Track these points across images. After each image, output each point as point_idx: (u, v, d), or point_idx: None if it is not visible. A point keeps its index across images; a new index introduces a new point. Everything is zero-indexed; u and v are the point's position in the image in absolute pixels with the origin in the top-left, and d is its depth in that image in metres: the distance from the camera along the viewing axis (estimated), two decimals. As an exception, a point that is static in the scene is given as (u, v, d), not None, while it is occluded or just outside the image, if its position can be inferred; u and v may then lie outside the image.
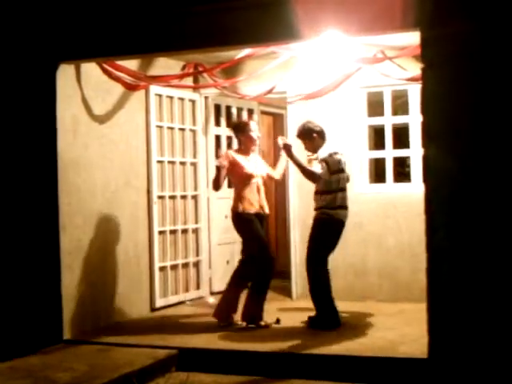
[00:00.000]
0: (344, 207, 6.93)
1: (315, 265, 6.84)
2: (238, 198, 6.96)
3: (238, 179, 7.03)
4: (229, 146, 8.94)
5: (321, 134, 6.98)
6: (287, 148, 6.89)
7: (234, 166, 6.97)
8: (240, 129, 7.15)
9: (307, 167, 6.80)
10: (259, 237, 6.91)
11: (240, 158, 7.01)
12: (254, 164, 7.09)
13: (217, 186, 7.04)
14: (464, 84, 5.04)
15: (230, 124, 8.52)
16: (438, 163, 5.06)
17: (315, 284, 6.84)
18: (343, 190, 6.94)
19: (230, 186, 8.04)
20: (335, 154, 6.90)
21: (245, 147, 7.10)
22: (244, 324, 6.92)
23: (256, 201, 6.98)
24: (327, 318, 6.76)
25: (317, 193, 6.91)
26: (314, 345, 6.09)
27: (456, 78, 5.06)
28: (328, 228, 6.87)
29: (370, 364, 5.64)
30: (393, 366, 5.55)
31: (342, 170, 6.96)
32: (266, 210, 7.11)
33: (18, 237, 6.58)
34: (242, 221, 6.95)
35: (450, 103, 5.07)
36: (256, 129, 7.16)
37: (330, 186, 6.84)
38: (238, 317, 7.01)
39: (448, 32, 5.04)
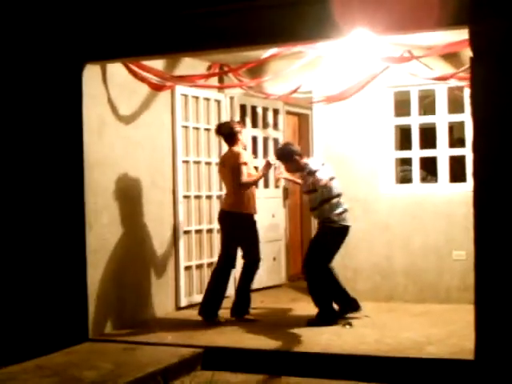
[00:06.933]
0: None
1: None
2: (242, 198, 7.11)
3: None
4: (254, 146, 8.93)
5: (301, 156, 7.13)
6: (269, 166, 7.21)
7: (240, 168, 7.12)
8: (230, 138, 7.27)
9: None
10: (258, 241, 7.25)
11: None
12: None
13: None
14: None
15: (218, 128, 7.52)
16: (489, 156, 4.99)
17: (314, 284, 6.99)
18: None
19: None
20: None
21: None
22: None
23: (255, 202, 7.27)
24: (325, 315, 6.90)
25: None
26: (342, 345, 6.07)
27: (504, 72, 5.02)
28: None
29: (396, 364, 5.59)
30: (420, 366, 5.51)
31: None
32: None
33: (45, 235, 6.66)
34: (248, 222, 7.17)
35: (499, 96, 5.02)
36: (244, 138, 7.47)
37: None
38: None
39: (492, 27, 5.01)
